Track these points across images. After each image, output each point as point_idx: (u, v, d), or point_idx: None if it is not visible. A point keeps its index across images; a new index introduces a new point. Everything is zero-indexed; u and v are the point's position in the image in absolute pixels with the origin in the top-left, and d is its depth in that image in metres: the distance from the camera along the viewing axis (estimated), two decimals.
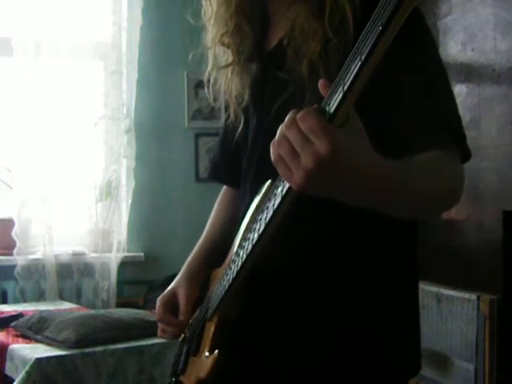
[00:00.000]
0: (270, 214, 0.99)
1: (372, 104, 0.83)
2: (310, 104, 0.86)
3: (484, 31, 3.08)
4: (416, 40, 0.75)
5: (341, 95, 0.81)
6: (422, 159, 1.03)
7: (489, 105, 3.07)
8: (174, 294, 1.37)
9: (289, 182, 0.89)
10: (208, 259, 1.41)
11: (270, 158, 0.88)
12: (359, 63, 0.77)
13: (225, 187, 1.53)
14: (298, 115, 0.84)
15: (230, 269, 1.15)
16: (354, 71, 0.78)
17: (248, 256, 1.08)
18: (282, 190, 0.94)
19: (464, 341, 2.91)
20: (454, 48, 3.27)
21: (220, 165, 1.49)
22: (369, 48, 0.76)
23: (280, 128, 0.87)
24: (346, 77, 0.80)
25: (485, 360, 2.80)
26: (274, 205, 0.97)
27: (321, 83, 0.86)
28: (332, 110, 0.83)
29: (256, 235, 1.04)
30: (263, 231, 1.02)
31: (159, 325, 1.38)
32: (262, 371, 1.20)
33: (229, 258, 1.25)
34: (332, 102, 0.82)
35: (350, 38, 1.08)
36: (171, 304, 1.36)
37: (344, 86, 0.80)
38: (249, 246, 1.07)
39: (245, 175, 1.31)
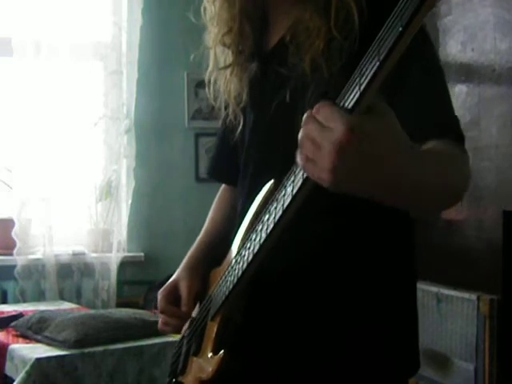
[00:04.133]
0: (280, 213, 0.98)
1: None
2: (313, 100, 0.85)
3: (484, 31, 3.08)
4: (415, 43, 0.75)
5: (357, 95, 0.80)
6: (437, 148, 1.01)
7: (489, 105, 3.07)
8: (175, 286, 1.37)
9: (319, 180, 0.85)
10: (208, 254, 1.42)
11: (269, 155, 0.87)
12: (377, 63, 0.77)
13: (224, 184, 1.53)
14: (314, 109, 0.84)
15: (234, 269, 1.15)
16: (372, 72, 0.77)
17: (254, 256, 1.08)
18: (292, 191, 0.94)
19: (464, 341, 2.91)
20: (454, 48, 3.27)
21: (219, 164, 1.49)
22: (387, 49, 0.75)
23: (300, 131, 0.85)
24: (362, 77, 0.79)
25: (485, 360, 2.80)
26: (283, 205, 0.97)
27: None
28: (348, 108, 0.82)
29: (264, 235, 1.04)
30: (271, 232, 1.02)
31: (161, 317, 1.37)
32: (266, 370, 1.19)
33: (228, 258, 1.25)
34: (347, 103, 0.82)
35: (355, 37, 1.07)
36: (173, 296, 1.36)
37: (360, 86, 0.79)
38: (255, 246, 1.07)
39: (243, 174, 1.31)
